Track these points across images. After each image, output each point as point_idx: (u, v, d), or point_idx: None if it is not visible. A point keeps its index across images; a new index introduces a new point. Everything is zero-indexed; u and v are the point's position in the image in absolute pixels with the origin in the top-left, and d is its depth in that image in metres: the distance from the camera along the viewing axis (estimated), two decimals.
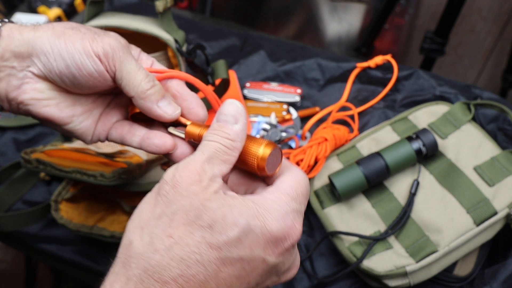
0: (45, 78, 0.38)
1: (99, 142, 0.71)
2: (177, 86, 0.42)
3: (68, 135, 0.47)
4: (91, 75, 0.37)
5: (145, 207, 0.32)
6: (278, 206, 0.33)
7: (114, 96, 0.44)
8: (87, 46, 0.37)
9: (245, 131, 0.35)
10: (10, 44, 0.36)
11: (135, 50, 0.43)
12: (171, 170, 0.32)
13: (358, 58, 0.82)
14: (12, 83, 0.37)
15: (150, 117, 0.40)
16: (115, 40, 0.38)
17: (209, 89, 0.43)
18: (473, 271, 0.61)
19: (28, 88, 0.38)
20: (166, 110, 0.39)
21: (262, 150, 0.35)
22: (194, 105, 0.41)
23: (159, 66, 0.44)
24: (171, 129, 0.41)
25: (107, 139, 0.43)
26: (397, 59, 0.79)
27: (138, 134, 0.41)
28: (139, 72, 0.38)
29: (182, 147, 0.40)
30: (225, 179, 0.38)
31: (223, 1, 1.59)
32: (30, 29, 0.37)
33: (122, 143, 0.42)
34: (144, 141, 0.40)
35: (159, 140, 0.40)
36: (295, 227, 0.33)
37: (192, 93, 0.42)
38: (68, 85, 0.38)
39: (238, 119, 0.35)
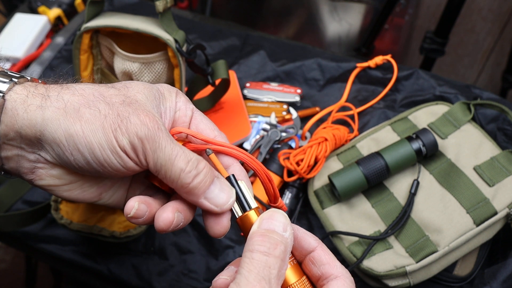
0: (60, 165, 0.32)
1: None
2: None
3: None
4: (118, 171, 0.32)
5: None
6: None
7: None
8: (110, 138, 0.30)
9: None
10: (14, 123, 0.30)
11: (169, 98, 0.35)
12: None
13: (358, 58, 0.82)
14: (24, 165, 0.32)
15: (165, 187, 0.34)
16: (143, 127, 0.30)
17: (263, 170, 0.35)
18: (473, 271, 0.61)
19: (44, 175, 0.32)
20: (216, 202, 0.32)
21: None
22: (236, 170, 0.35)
23: (201, 117, 0.37)
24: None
25: None
26: (397, 59, 0.79)
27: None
28: (176, 161, 0.31)
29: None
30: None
31: (223, 1, 1.59)
32: (37, 106, 0.30)
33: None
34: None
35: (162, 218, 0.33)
36: None
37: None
38: (92, 174, 0.33)
39: (287, 228, 0.31)
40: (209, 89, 0.74)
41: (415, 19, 1.45)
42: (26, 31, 0.92)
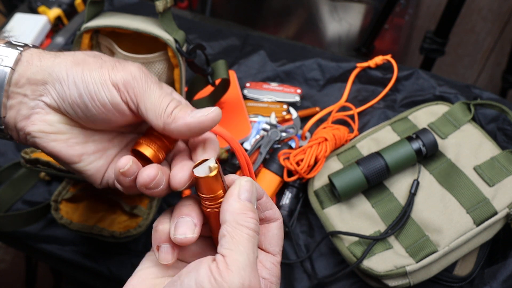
0: (57, 109, 0.36)
1: None
2: None
3: (77, 176, 0.43)
4: (104, 106, 0.35)
5: None
6: None
7: (133, 137, 0.41)
8: (104, 74, 0.34)
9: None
10: (27, 70, 0.35)
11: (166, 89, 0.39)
12: (236, 277, 0.28)
13: (358, 58, 0.82)
14: (22, 112, 0.35)
15: (190, 138, 0.37)
16: (138, 69, 0.35)
17: (238, 146, 0.38)
18: (473, 271, 0.61)
19: (37, 119, 0.35)
20: (202, 114, 0.34)
21: None
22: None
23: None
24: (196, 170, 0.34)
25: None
26: (397, 59, 0.79)
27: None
28: (164, 99, 0.35)
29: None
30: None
31: (223, 1, 1.59)
32: (51, 56, 0.35)
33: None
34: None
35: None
36: None
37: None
38: (81, 117, 0.36)
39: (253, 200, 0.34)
40: (209, 89, 0.74)
41: (415, 19, 1.45)
42: (26, 31, 0.92)
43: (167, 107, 0.35)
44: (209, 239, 0.38)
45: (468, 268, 0.61)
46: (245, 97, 0.81)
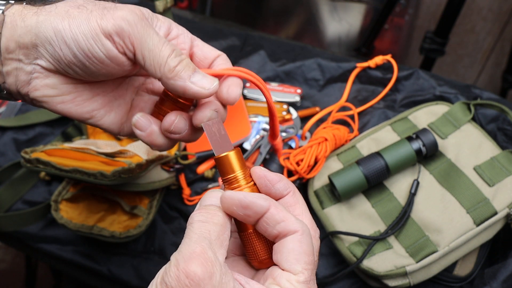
0: (55, 71, 0.34)
1: (99, 142, 0.71)
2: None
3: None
4: (102, 62, 0.32)
5: None
6: None
7: (143, 80, 0.39)
8: (94, 26, 0.31)
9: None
10: (13, 33, 0.32)
11: (164, 22, 0.36)
12: (172, 269, 0.27)
13: (358, 58, 0.82)
14: (21, 78, 0.33)
15: (185, 99, 0.36)
16: (130, 12, 0.32)
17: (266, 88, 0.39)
18: (473, 271, 0.61)
19: (39, 85, 0.34)
20: (202, 84, 0.33)
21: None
22: (230, 82, 0.36)
23: (207, 47, 0.38)
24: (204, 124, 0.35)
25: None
26: (397, 59, 0.79)
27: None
28: (164, 47, 0.32)
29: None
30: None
31: (223, 1, 1.59)
32: (33, 13, 0.32)
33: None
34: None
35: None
36: None
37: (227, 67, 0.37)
38: (82, 75, 0.34)
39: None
40: None
41: (415, 19, 1.45)
42: None
43: (168, 58, 0.32)
44: None
45: (468, 268, 0.61)
46: (245, 97, 0.81)
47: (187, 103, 0.37)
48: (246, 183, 0.33)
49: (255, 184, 0.34)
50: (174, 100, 0.37)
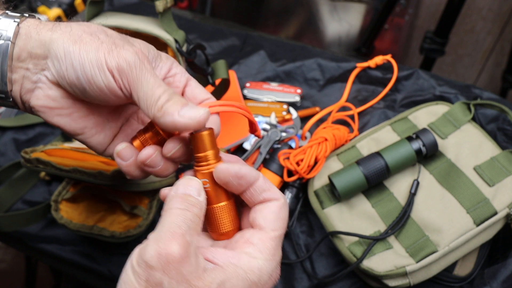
0: (58, 84, 0.36)
1: None
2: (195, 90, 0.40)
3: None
4: (101, 90, 0.35)
5: None
6: (265, 267, 0.33)
7: (135, 109, 0.41)
8: (101, 58, 0.34)
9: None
10: (27, 44, 0.35)
11: (166, 62, 0.39)
12: (152, 247, 0.30)
13: (358, 58, 0.82)
14: (26, 86, 0.36)
15: (165, 133, 0.37)
16: (133, 54, 0.34)
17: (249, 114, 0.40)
18: (473, 271, 0.61)
19: (41, 94, 0.36)
20: (189, 115, 0.33)
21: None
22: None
23: (196, 84, 0.40)
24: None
25: None
26: (397, 59, 0.79)
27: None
28: (157, 89, 0.34)
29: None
30: None
31: (223, 1, 1.59)
32: (48, 29, 0.35)
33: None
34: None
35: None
36: (278, 277, 0.35)
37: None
38: (80, 96, 0.36)
39: (201, 193, 0.35)
40: (209, 89, 0.74)
41: (415, 19, 1.46)
42: None
43: (159, 99, 0.34)
44: None
45: (468, 268, 0.61)
46: (245, 97, 0.81)
47: (167, 137, 0.38)
48: (216, 162, 0.36)
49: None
50: (156, 132, 0.38)
